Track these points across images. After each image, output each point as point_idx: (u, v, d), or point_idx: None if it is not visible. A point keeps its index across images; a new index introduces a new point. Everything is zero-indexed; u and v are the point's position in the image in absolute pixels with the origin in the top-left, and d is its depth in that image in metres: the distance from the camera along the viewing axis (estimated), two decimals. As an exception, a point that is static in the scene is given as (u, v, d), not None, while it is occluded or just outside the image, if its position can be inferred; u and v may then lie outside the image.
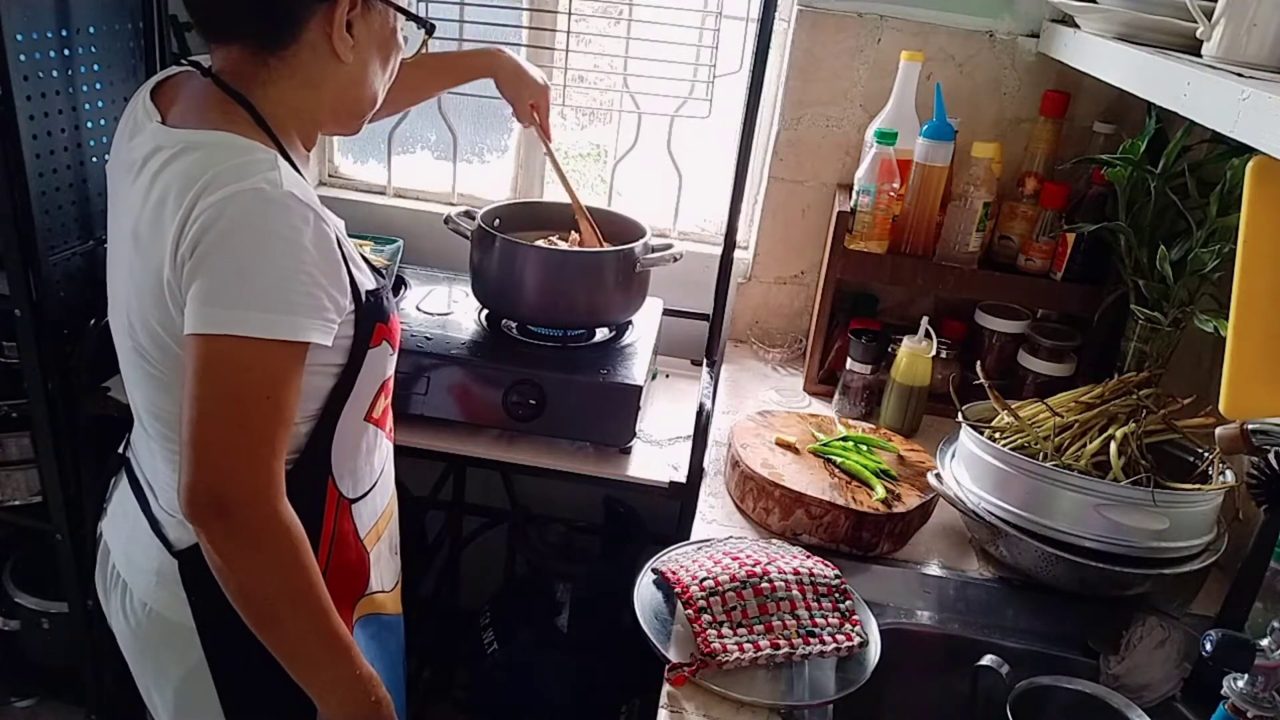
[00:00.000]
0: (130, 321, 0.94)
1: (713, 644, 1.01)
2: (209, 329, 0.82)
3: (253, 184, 0.83)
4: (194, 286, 0.82)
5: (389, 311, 1.00)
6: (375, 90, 1.00)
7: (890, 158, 1.51)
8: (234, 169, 0.84)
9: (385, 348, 1.00)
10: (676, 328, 1.83)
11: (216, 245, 0.82)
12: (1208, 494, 1.16)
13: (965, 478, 1.26)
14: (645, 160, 1.91)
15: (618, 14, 1.79)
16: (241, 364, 0.83)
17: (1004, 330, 1.65)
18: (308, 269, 0.84)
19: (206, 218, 0.82)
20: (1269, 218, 0.88)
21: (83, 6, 1.55)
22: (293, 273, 0.83)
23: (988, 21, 1.63)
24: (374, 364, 0.99)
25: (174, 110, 0.94)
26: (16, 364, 1.63)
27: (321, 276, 0.85)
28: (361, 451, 1.04)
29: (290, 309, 0.83)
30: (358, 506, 1.05)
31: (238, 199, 0.82)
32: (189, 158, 0.86)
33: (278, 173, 0.85)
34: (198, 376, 0.82)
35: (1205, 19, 0.98)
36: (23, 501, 1.76)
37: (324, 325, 0.87)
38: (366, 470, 1.06)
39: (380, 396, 1.04)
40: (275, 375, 0.84)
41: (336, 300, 0.88)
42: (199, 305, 0.82)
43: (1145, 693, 1.09)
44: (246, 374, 0.83)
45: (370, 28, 0.94)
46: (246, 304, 0.82)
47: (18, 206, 1.49)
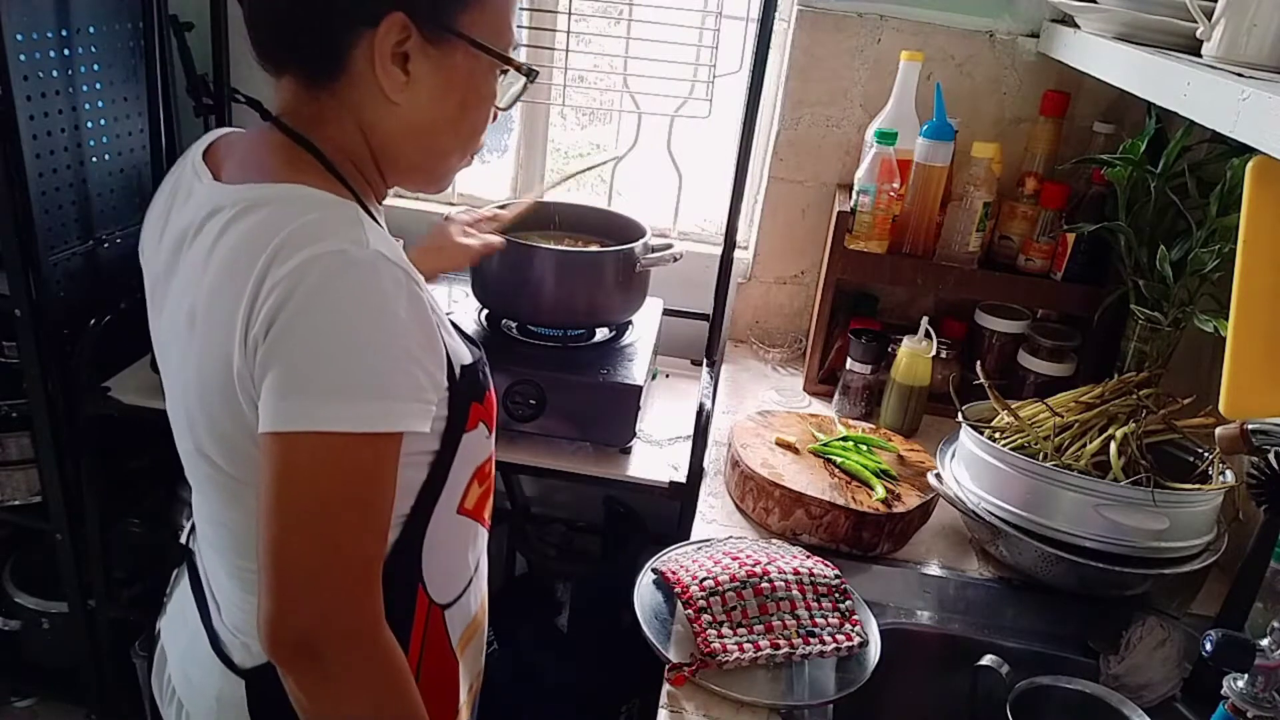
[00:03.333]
0: (191, 420, 0.79)
1: (713, 644, 1.01)
2: (290, 425, 0.68)
3: (335, 245, 0.69)
4: (269, 375, 0.69)
5: (485, 388, 0.87)
6: (450, 144, 0.84)
7: (890, 158, 1.51)
8: (310, 227, 0.70)
9: (481, 430, 0.87)
10: (676, 328, 1.83)
11: (295, 322, 0.68)
12: (1208, 494, 1.16)
13: (965, 478, 1.26)
14: (645, 160, 1.91)
15: (618, 14, 1.79)
16: (331, 466, 0.69)
17: (1004, 330, 1.65)
18: (403, 343, 0.71)
19: (282, 289, 0.68)
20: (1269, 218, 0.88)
21: (83, 6, 1.55)
22: (386, 349, 0.70)
23: (988, 21, 1.63)
24: (469, 450, 0.86)
25: (229, 166, 0.81)
26: (16, 364, 1.63)
27: (419, 350, 0.72)
28: (455, 550, 0.91)
29: (385, 393, 0.70)
30: (450, 611, 0.91)
31: (318, 264, 0.68)
32: (253, 217, 0.73)
33: (362, 229, 0.72)
34: (278, 484, 0.69)
35: (1205, 19, 0.98)
36: (23, 501, 1.76)
37: (423, 409, 0.74)
38: (461, 570, 0.93)
39: (474, 483, 0.90)
40: (372, 476, 0.71)
41: (434, 377, 0.75)
42: (276, 397, 0.69)
43: (1145, 693, 1.09)
44: (337, 478, 0.69)
45: (438, 66, 0.78)
46: (334, 392, 0.68)
47: (18, 206, 1.49)
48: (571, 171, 1.53)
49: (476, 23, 0.79)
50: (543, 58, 1.83)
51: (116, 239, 1.70)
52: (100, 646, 1.85)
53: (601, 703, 1.83)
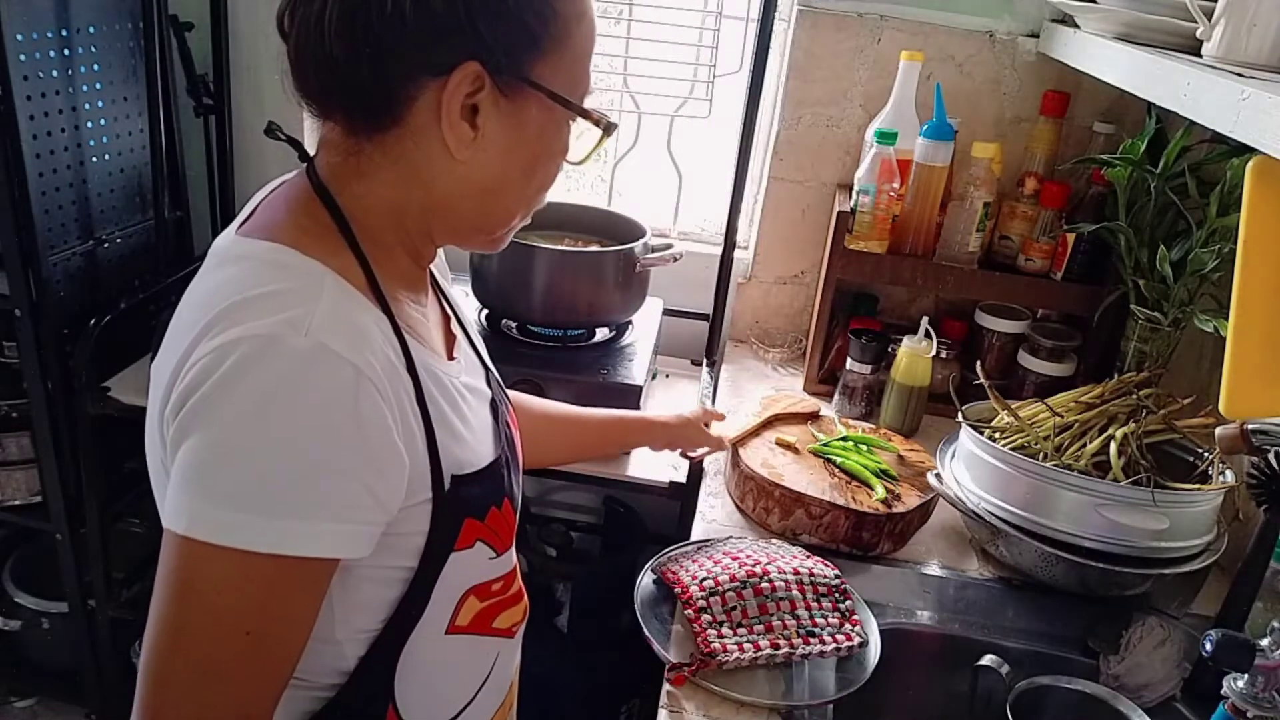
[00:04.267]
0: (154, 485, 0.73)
1: (713, 644, 1.01)
2: (182, 527, 0.60)
3: (269, 326, 0.60)
4: (176, 459, 0.61)
5: (490, 502, 0.76)
6: (515, 203, 0.75)
7: (890, 158, 1.51)
8: (259, 299, 0.62)
9: (481, 551, 0.75)
10: (676, 328, 1.83)
11: (204, 409, 0.60)
12: (1208, 494, 1.16)
13: (965, 478, 1.26)
14: (645, 160, 1.91)
15: (618, 14, 1.79)
16: (221, 584, 0.60)
17: (1004, 330, 1.65)
18: (330, 452, 0.61)
19: (201, 368, 0.60)
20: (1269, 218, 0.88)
21: (83, 6, 1.55)
22: (303, 458, 0.60)
23: (988, 21, 1.63)
24: (461, 570, 0.74)
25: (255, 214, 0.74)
26: (16, 364, 1.63)
27: (355, 462, 0.62)
28: (445, 671, 0.79)
29: (299, 511, 0.60)
30: None
31: (242, 347, 0.60)
32: (222, 274, 0.67)
33: (313, 308, 0.62)
34: (165, 588, 0.61)
35: (1205, 19, 0.98)
36: (23, 501, 1.76)
37: (353, 531, 0.63)
38: (454, 692, 0.81)
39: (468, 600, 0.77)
40: (266, 604, 0.61)
41: (379, 496, 0.64)
42: (176, 490, 0.61)
43: (1145, 693, 1.09)
44: (227, 599, 0.60)
45: (510, 119, 0.70)
46: (231, 501, 0.59)
47: (18, 206, 1.49)
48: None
49: (554, 71, 0.70)
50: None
51: (116, 239, 1.70)
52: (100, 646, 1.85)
53: (601, 703, 1.83)
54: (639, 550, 1.77)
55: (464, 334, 0.88)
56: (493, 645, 0.84)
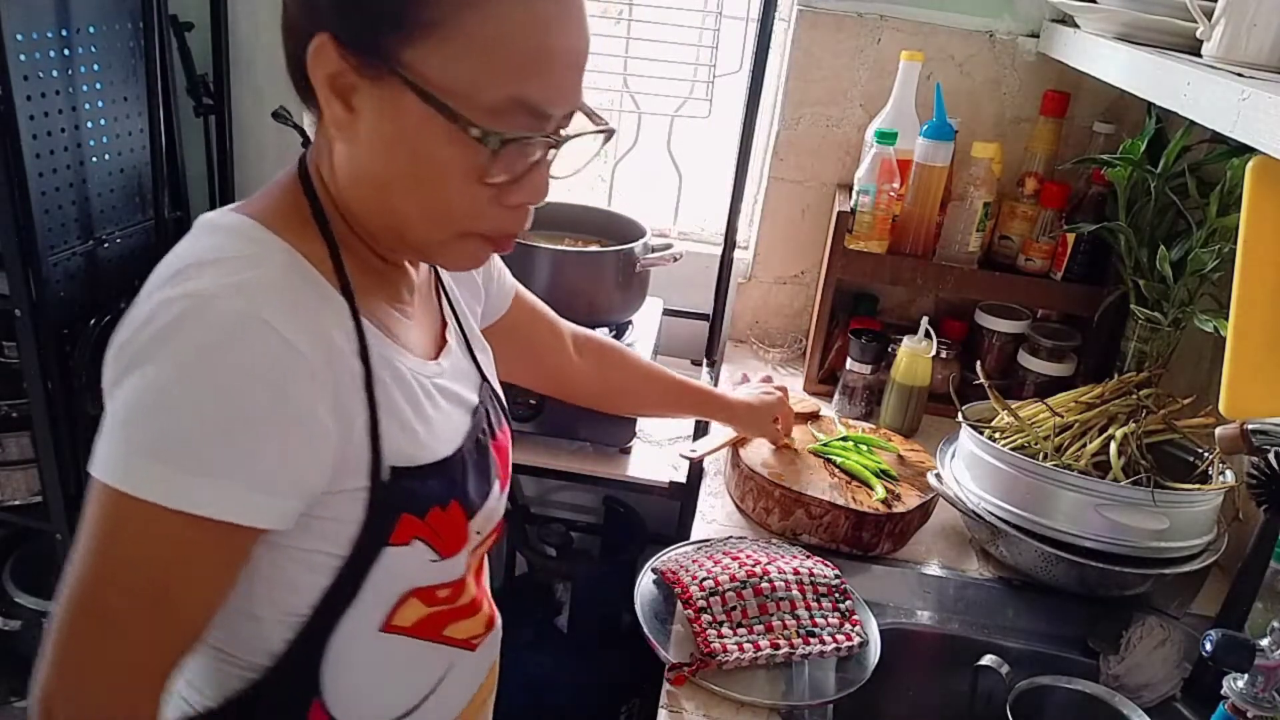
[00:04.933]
0: None
1: (713, 644, 1.01)
2: (100, 473, 0.60)
3: (207, 285, 0.60)
4: (106, 410, 0.62)
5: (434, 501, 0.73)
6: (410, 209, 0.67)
7: (890, 158, 1.51)
8: (207, 262, 0.63)
9: (419, 550, 0.72)
10: (676, 328, 1.83)
11: (136, 360, 0.60)
12: (1208, 494, 1.16)
13: (965, 478, 1.26)
14: (645, 160, 1.91)
15: (618, 14, 1.79)
16: (134, 534, 0.60)
17: (1004, 330, 1.65)
18: (247, 420, 0.59)
19: (137, 323, 0.61)
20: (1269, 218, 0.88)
21: (83, 6, 1.55)
22: (223, 421, 0.59)
23: (988, 21, 1.63)
24: (397, 565, 0.71)
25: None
26: (16, 364, 1.62)
27: (272, 433, 0.61)
28: (382, 671, 0.76)
29: (212, 469, 0.59)
30: None
31: (177, 305, 0.60)
32: (191, 241, 0.67)
33: (257, 276, 0.62)
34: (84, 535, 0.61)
35: (1205, 19, 0.98)
36: (23, 501, 1.76)
37: (267, 501, 0.62)
38: (392, 696, 0.78)
39: (409, 601, 0.75)
40: (175, 559, 0.61)
41: (299, 471, 0.63)
42: (101, 436, 0.61)
43: (1145, 693, 1.09)
44: (137, 551, 0.60)
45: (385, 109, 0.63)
46: (151, 452, 0.59)
47: (18, 206, 1.49)
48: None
49: (431, 61, 0.61)
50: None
51: (116, 239, 1.70)
52: (100, 646, 1.84)
53: (601, 703, 1.83)
54: (639, 550, 1.77)
55: (465, 344, 0.86)
56: (443, 655, 0.80)
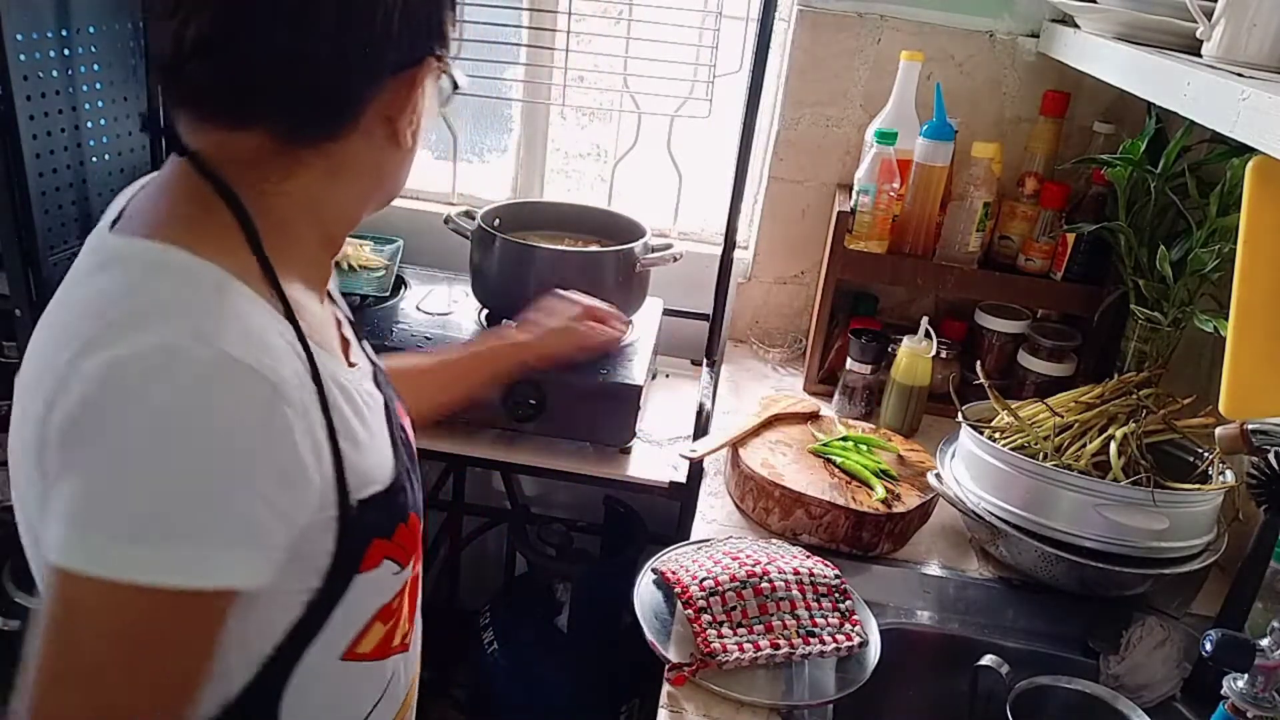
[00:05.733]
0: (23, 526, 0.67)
1: (713, 644, 1.01)
2: (70, 562, 0.54)
3: (168, 336, 0.55)
4: (60, 488, 0.55)
5: (398, 518, 0.71)
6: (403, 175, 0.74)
7: (890, 158, 1.51)
8: (150, 308, 0.57)
9: (387, 568, 0.71)
10: (676, 328, 1.83)
11: (95, 431, 0.54)
12: (1208, 494, 1.16)
13: (965, 478, 1.25)
14: (645, 160, 1.91)
15: (618, 14, 1.79)
16: (115, 621, 0.55)
17: (1004, 330, 1.65)
18: (237, 473, 0.56)
19: (89, 387, 0.55)
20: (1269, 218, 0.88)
21: (83, 6, 1.55)
22: (211, 483, 0.55)
23: (988, 21, 1.63)
24: (366, 591, 0.69)
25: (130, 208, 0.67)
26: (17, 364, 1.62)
27: (265, 481, 0.57)
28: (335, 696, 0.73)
29: (198, 538, 0.55)
30: None
31: (139, 362, 0.54)
32: (101, 280, 0.60)
33: (218, 316, 0.57)
34: (51, 627, 0.56)
35: (1205, 19, 0.98)
36: (23, 501, 1.76)
37: (257, 557, 0.58)
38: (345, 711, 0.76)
39: (373, 625, 0.72)
40: (166, 639, 0.57)
41: (288, 515, 0.60)
42: (62, 523, 0.55)
43: (1145, 693, 1.09)
44: (121, 636, 0.55)
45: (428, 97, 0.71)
46: (127, 531, 0.54)
47: (18, 206, 1.49)
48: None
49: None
50: (543, 57, 1.83)
51: (116, 239, 1.70)
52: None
53: (601, 703, 1.83)
54: (639, 550, 1.77)
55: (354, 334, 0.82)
56: (390, 666, 0.79)
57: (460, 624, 1.98)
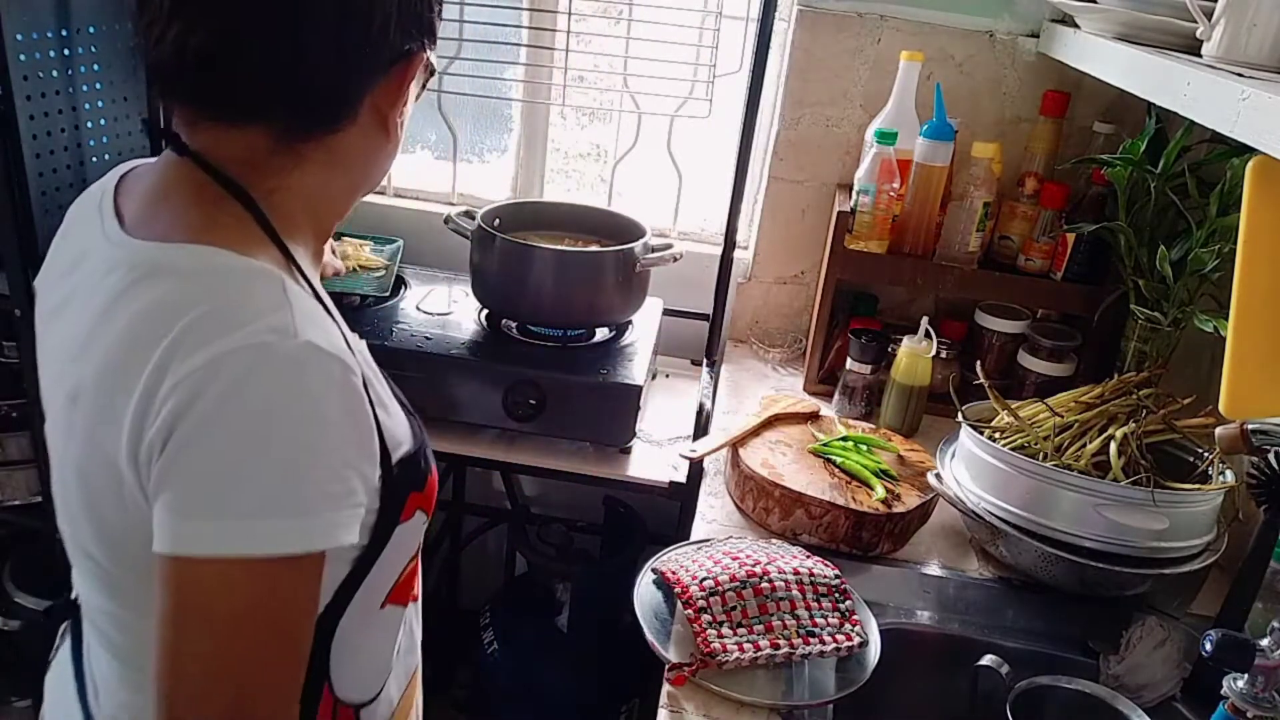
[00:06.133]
0: (68, 505, 0.70)
1: (713, 644, 1.01)
2: (188, 549, 0.58)
3: (253, 335, 0.59)
4: (169, 488, 0.59)
5: (426, 473, 0.77)
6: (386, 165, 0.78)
7: (890, 158, 1.51)
8: (224, 310, 0.60)
9: (419, 518, 0.77)
10: (676, 328, 1.83)
11: (200, 433, 0.58)
12: (1208, 494, 1.16)
13: (965, 478, 1.25)
14: (645, 160, 1.91)
15: (618, 14, 1.79)
16: (238, 595, 0.59)
17: (1004, 330, 1.65)
18: (333, 447, 0.62)
19: (185, 391, 0.58)
20: (1269, 218, 0.88)
21: (83, 6, 1.55)
22: (312, 457, 0.60)
23: (988, 21, 1.63)
24: (402, 540, 0.75)
25: (134, 210, 0.68)
26: (16, 364, 1.63)
27: (352, 453, 0.64)
28: (375, 646, 0.79)
29: (307, 509, 0.60)
30: (367, 710, 0.79)
31: (232, 361, 0.58)
32: (156, 289, 0.62)
33: (288, 309, 0.61)
34: (174, 614, 0.59)
35: (1205, 19, 0.98)
36: (23, 501, 1.76)
37: (353, 515, 0.64)
38: (380, 666, 0.81)
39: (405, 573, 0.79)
40: (288, 601, 0.62)
41: (367, 477, 0.66)
42: (174, 517, 0.59)
43: (1145, 693, 1.09)
44: (245, 607, 0.60)
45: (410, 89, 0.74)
46: (244, 512, 0.58)
47: (18, 206, 1.49)
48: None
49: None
50: (543, 57, 1.83)
51: (116, 239, 1.70)
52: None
53: (601, 703, 1.83)
54: (639, 550, 1.77)
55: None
56: (410, 612, 0.85)
57: (460, 624, 1.98)
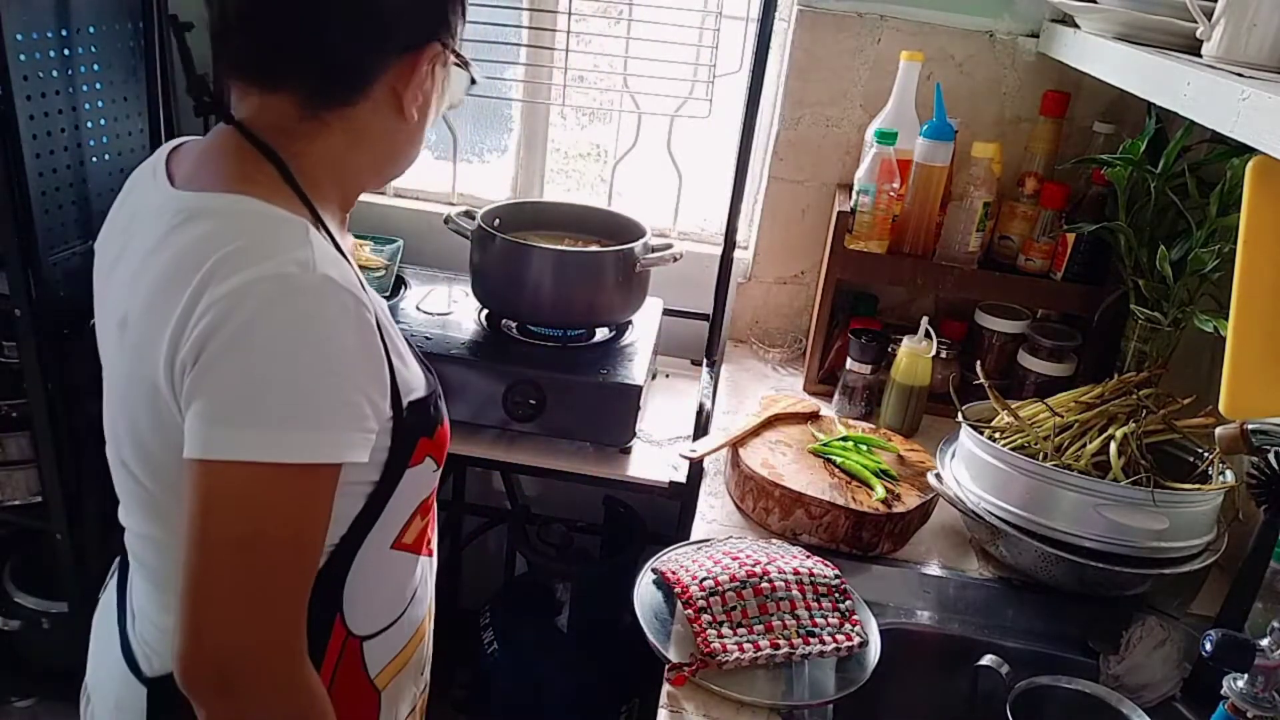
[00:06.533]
0: (115, 428, 0.79)
1: (713, 644, 1.01)
2: (216, 454, 0.65)
3: (278, 266, 0.67)
4: (199, 399, 0.66)
5: (437, 422, 0.84)
6: (421, 146, 0.86)
7: (890, 158, 1.51)
8: (253, 246, 0.68)
9: (428, 464, 0.84)
10: (676, 328, 1.83)
11: (229, 349, 0.65)
12: (1208, 494, 1.16)
13: (965, 478, 1.25)
14: (645, 160, 1.91)
15: (618, 14, 1.79)
16: (259, 498, 0.67)
17: (1004, 330, 1.65)
18: (346, 371, 0.69)
19: (216, 313, 0.65)
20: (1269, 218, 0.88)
21: (83, 6, 1.55)
22: (326, 378, 0.68)
23: (988, 21, 1.63)
24: (412, 484, 0.82)
25: (184, 171, 0.78)
26: (16, 364, 1.63)
27: (364, 379, 0.71)
28: (384, 583, 0.86)
29: (323, 424, 0.68)
30: (372, 644, 0.86)
31: (258, 287, 0.66)
32: (195, 229, 0.70)
33: (309, 248, 0.69)
34: (201, 514, 0.66)
35: (1205, 19, 0.98)
36: (23, 501, 1.76)
37: (364, 438, 0.72)
38: (390, 604, 0.88)
39: (415, 519, 0.86)
40: (304, 508, 0.69)
41: (378, 405, 0.73)
42: (205, 424, 0.66)
43: (1145, 693, 1.09)
44: (266, 510, 0.67)
45: (437, 82, 0.81)
46: (267, 421, 0.66)
47: (18, 206, 1.49)
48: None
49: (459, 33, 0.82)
50: (543, 57, 1.83)
51: (116, 239, 1.70)
52: (100, 646, 1.85)
53: (601, 703, 1.83)
54: (639, 550, 1.77)
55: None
56: (425, 563, 0.93)
57: (460, 624, 1.98)
